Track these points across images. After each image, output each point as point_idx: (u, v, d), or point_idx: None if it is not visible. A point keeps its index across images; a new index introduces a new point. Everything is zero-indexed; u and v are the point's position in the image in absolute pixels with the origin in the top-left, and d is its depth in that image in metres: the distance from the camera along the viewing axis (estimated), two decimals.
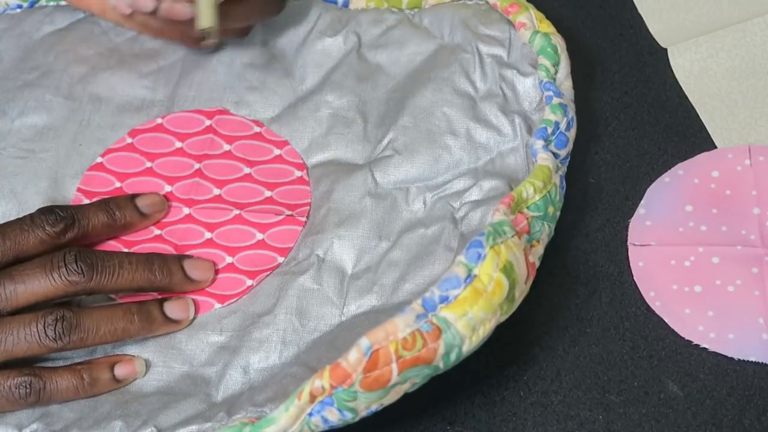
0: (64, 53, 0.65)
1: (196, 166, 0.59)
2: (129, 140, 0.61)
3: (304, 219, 0.56)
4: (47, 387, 0.50)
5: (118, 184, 0.59)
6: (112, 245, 0.56)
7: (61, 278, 0.50)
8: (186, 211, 0.57)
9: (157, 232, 0.57)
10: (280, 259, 0.55)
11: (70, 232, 0.52)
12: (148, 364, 0.52)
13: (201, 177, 0.59)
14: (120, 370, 0.51)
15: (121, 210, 0.55)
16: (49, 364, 0.52)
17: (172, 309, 0.53)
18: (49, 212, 0.52)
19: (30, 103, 0.62)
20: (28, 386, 0.49)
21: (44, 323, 0.49)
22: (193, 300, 0.54)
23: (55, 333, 0.49)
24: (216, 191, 0.58)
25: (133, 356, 0.52)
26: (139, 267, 0.52)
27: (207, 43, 0.61)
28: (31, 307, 0.50)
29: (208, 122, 0.61)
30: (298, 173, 0.58)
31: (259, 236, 0.56)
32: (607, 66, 0.65)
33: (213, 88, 0.62)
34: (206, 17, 0.56)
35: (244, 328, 0.53)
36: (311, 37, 0.63)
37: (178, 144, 0.60)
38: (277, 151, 0.59)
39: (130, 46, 0.65)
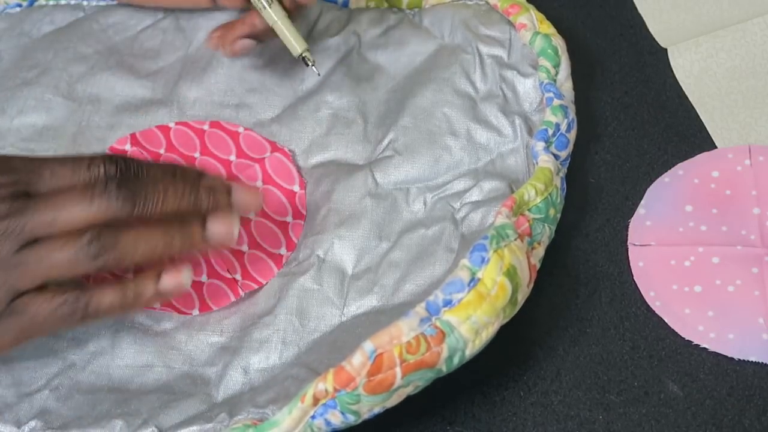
0: (63, 52, 0.65)
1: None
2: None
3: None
4: (92, 304, 0.48)
5: None
6: None
7: (103, 206, 0.47)
8: None
9: None
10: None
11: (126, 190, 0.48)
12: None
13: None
14: (165, 280, 0.49)
15: (185, 181, 0.49)
16: None
17: (215, 226, 0.50)
18: (110, 162, 0.48)
19: (29, 102, 0.62)
20: (73, 304, 0.48)
21: (81, 242, 0.47)
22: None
23: (93, 251, 0.47)
24: None
25: (181, 267, 0.50)
26: (185, 194, 0.49)
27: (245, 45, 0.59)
28: None
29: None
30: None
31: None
32: (607, 66, 0.65)
33: (213, 90, 0.62)
34: (296, 43, 0.57)
35: (245, 329, 0.53)
36: (311, 37, 0.63)
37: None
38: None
39: (130, 46, 0.65)
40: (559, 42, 0.58)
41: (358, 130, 0.59)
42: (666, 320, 0.54)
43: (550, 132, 0.55)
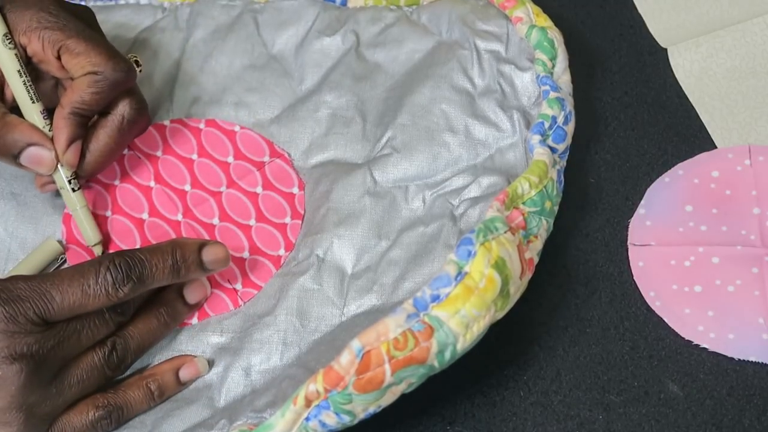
0: None
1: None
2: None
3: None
4: (124, 410, 0.51)
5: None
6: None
7: (117, 320, 0.51)
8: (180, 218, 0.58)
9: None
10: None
11: (132, 292, 0.50)
12: (210, 363, 0.53)
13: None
14: (185, 373, 0.52)
15: (186, 264, 0.52)
16: None
17: (192, 295, 0.54)
18: (115, 269, 0.49)
19: None
20: (108, 417, 0.50)
21: (101, 357, 0.50)
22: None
23: (114, 362, 0.51)
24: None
25: (194, 356, 0.53)
26: (172, 277, 0.52)
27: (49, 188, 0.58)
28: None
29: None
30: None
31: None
32: (607, 66, 0.65)
33: (212, 89, 0.62)
34: (91, 234, 0.56)
35: (245, 330, 0.53)
36: (309, 37, 0.63)
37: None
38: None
39: (130, 45, 0.64)
40: (555, 34, 0.58)
41: (357, 129, 0.59)
42: (666, 320, 0.54)
43: (547, 125, 0.55)
